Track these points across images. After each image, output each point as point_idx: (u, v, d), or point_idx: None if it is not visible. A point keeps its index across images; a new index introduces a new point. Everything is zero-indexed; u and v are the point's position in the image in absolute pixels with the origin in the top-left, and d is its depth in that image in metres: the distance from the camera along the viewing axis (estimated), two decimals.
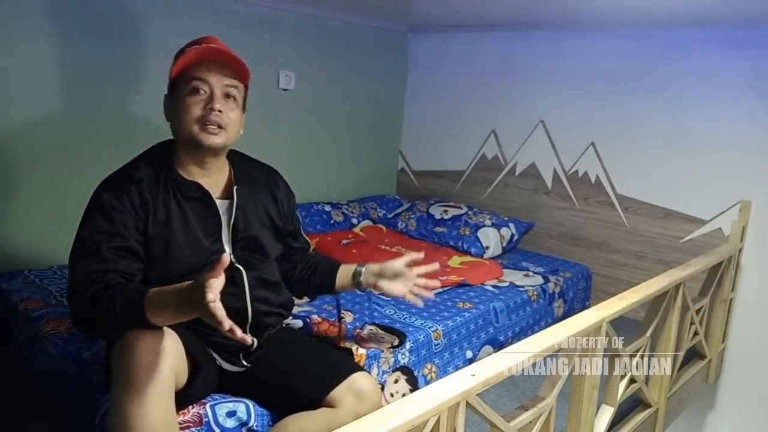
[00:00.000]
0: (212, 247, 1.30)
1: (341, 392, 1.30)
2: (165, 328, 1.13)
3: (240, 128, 1.33)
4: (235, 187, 1.35)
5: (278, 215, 1.44)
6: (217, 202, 1.32)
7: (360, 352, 1.67)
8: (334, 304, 2.02)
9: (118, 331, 1.12)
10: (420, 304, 1.51)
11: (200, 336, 1.31)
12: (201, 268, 1.27)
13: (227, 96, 1.28)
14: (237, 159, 1.42)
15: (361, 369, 1.41)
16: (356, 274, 1.50)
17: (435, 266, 1.47)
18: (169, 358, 1.11)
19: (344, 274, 1.53)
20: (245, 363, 1.39)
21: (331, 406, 1.29)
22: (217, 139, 1.26)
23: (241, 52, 1.30)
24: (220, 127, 1.26)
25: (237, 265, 1.33)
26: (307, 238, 1.62)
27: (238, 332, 0.96)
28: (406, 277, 1.48)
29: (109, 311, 1.08)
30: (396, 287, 1.48)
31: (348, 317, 1.90)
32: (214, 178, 1.33)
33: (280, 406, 1.35)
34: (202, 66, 1.25)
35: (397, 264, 1.47)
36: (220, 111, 1.25)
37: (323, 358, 1.41)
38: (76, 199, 2.17)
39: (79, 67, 2.18)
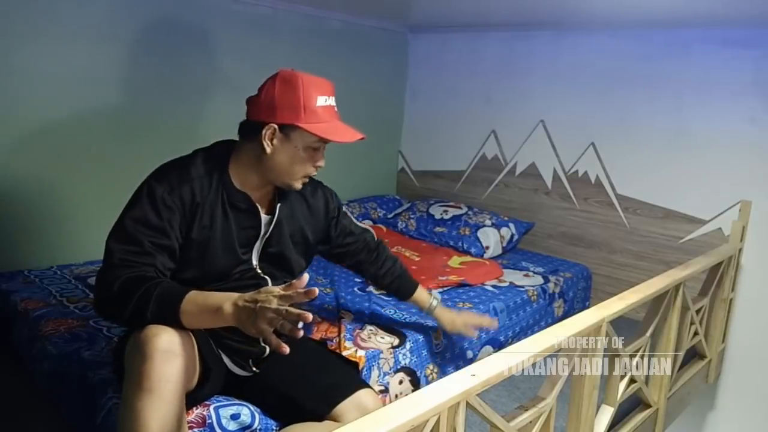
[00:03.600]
0: (243, 257, 1.32)
1: (346, 408, 1.30)
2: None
3: None
4: (278, 204, 1.37)
5: (311, 228, 1.47)
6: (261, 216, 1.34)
7: (360, 354, 1.67)
8: (334, 305, 2.02)
9: (140, 323, 1.11)
10: (474, 335, 1.93)
11: (213, 337, 1.31)
12: (230, 273, 1.30)
13: None
14: None
15: (367, 385, 1.40)
16: (431, 311, 1.77)
17: (494, 323, 1.91)
18: (184, 359, 1.10)
19: (418, 304, 1.78)
20: (254, 369, 1.40)
21: (335, 420, 1.29)
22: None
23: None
24: None
25: (263, 275, 1.35)
26: (365, 227, 1.67)
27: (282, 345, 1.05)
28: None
29: (141, 303, 1.08)
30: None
31: (348, 317, 1.91)
32: (261, 191, 1.35)
33: (283, 415, 1.35)
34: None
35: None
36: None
37: (330, 371, 1.41)
38: (77, 199, 2.21)
39: (73, 68, 2.17)
